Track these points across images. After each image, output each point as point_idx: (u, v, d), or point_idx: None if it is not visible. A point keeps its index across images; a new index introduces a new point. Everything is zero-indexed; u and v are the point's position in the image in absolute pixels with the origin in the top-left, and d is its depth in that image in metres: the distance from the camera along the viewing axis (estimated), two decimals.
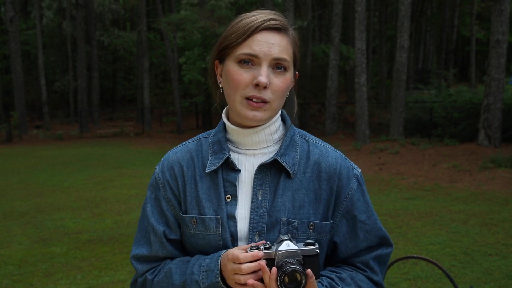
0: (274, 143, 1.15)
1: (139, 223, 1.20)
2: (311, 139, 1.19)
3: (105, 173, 10.70)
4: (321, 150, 1.16)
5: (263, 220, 1.09)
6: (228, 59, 1.09)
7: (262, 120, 1.07)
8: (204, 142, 1.19)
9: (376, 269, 1.17)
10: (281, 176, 1.11)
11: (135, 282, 1.19)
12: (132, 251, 1.19)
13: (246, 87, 1.05)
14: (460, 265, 4.38)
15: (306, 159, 1.14)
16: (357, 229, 1.15)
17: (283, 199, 1.10)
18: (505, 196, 7.14)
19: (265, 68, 1.04)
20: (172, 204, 1.15)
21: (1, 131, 19.86)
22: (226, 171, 1.12)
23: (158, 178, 1.17)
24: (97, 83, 25.54)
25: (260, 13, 1.08)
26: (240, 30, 1.05)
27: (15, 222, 6.48)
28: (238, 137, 1.14)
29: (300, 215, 1.10)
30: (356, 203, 1.15)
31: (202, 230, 1.11)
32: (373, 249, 1.17)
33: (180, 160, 1.17)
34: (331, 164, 1.14)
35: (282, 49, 1.05)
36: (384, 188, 8.12)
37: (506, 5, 11.26)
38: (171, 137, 18.84)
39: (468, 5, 26.49)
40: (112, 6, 25.61)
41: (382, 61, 25.16)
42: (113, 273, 4.46)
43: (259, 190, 1.10)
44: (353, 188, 1.15)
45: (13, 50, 21.51)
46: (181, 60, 18.15)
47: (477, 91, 15.13)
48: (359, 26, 13.80)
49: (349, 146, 13.54)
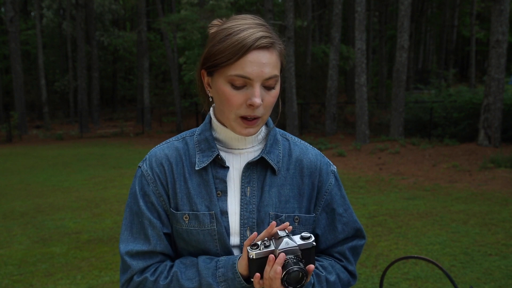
0: (258, 143, 1.20)
1: (127, 222, 1.17)
2: (290, 137, 1.26)
3: (105, 173, 10.70)
4: (301, 148, 1.24)
5: (253, 215, 1.14)
6: (218, 76, 1.08)
7: (255, 133, 1.13)
8: (189, 140, 1.21)
9: (351, 259, 1.24)
10: (267, 173, 1.17)
11: (129, 280, 1.14)
12: (124, 248, 1.14)
13: (240, 107, 1.07)
14: (460, 265, 4.38)
15: (288, 157, 1.21)
16: (335, 221, 1.23)
17: (270, 194, 1.16)
18: (505, 196, 7.14)
19: (258, 89, 1.05)
20: (163, 199, 1.16)
21: (1, 131, 19.86)
22: (215, 168, 1.16)
23: (147, 174, 1.17)
24: (97, 83, 25.54)
25: (249, 27, 1.06)
26: (230, 50, 1.04)
27: (15, 222, 6.48)
28: (226, 138, 1.18)
29: (286, 209, 1.17)
30: (335, 197, 1.23)
31: (196, 226, 1.13)
32: (349, 240, 1.25)
33: (169, 157, 1.18)
34: (312, 161, 1.22)
35: (273, 67, 1.07)
36: (384, 188, 8.12)
37: (506, 5, 11.27)
38: (171, 137, 18.79)
39: (468, 5, 26.50)
40: (112, 6, 25.62)
41: (382, 61, 25.16)
42: (113, 273, 4.47)
43: (247, 187, 1.15)
44: (332, 183, 1.24)
45: (13, 50, 21.51)
46: (181, 60, 18.18)
47: (477, 91, 15.13)
48: (359, 26, 13.80)
49: (349, 146, 13.54)
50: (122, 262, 1.15)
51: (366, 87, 14.51)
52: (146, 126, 22.06)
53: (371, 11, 26.38)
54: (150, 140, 18.10)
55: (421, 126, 14.45)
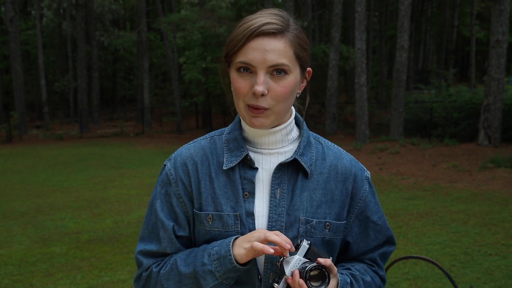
0: (289, 143, 1.16)
1: (146, 220, 1.19)
2: (324, 141, 1.23)
3: (105, 173, 10.70)
4: (335, 152, 1.21)
5: (282, 218, 1.10)
6: (231, 65, 1.09)
7: (264, 125, 1.07)
8: (217, 139, 1.18)
9: (381, 265, 1.25)
10: (299, 175, 1.13)
11: (139, 277, 1.17)
12: (139, 247, 1.17)
13: (246, 94, 1.05)
14: (460, 265, 4.38)
15: (321, 160, 1.17)
16: (368, 229, 1.21)
17: (301, 198, 1.12)
18: (505, 196, 7.14)
19: (262, 77, 1.02)
20: (183, 200, 1.14)
21: (1, 131, 19.85)
22: (244, 169, 1.12)
23: (170, 174, 1.16)
24: (97, 83, 25.53)
25: (260, 16, 1.06)
26: (237, 37, 1.04)
27: (15, 222, 6.48)
28: (255, 137, 1.14)
29: (317, 215, 1.12)
30: (369, 205, 1.20)
31: (219, 227, 1.10)
32: (380, 247, 1.24)
33: (194, 156, 1.16)
34: (346, 167, 1.19)
35: (278, 54, 1.02)
36: (384, 188, 8.12)
37: (506, 5, 11.27)
38: (171, 137, 18.84)
39: (468, 5, 26.50)
40: (112, 6, 25.60)
41: (382, 61, 25.16)
42: (113, 273, 4.46)
43: (277, 188, 1.11)
44: (366, 190, 1.20)
45: (13, 50, 21.51)
46: (181, 60, 18.15)
47: (477, 91, 15.13)
48: (359, 26, 13.80)
49: (349, 146, 13.54)
50: (136, 259, 1.18)
51: (366, 87, 14.50)
52: (146, 126, 22.06)
53: (371, 11, 26.37)
54: (150, 140, 18.10)
55: (421, 126, 14.44)
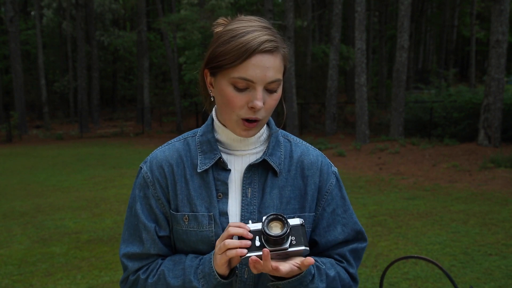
0: (260, 144, 1.20)
1: (127, 222, 1.21)
2: (292, 138, 1.26)
3: (105, 173, 10.70)
4: (302, 149, 1.24)
5: (254, 216, 1.15)
6: (221, 77, 1.09)
7: (254, 135, 1.15)
8: (191, 141, 1.21)
9: (352, 262, 1.23)
10: (268, 174, 1.18)
11: (125, 279, 1.19)
12: (122, 250, 1.19)
13: (241, 108, 1.08)
14: (460, 265, 4.38)
15: (289, 158, 1.21)
16: (335, 222, 1.22)
17: (271, 196, 1.16)
18: (505, 196, 7.14)
19: (260, 92, 1.06)
20: (162, 202, 1.17)
21: (1, 131, 19.86)
22: (217, 171, 1.16)
23: (147, 177, 1.19)
24: (97, 83, 25.53)
25: (254, 30, 1.06)
26: (235, 52, 1.04)
27: (15, 222, 6.48)
28: (229, 139, 1.18)
29: (287, 210, 1.17)
30: (335, 198, 1.23)
31: (195, 227, 1.14)
32: (350, 243, 1.24)
33: (169, 159, 1.19)
34: (313, 161, 1.22)
35: (276, 71, 1.07)
36: (384, 188, 8.12)
37: (506, 5, 11.27)
38: (171, 137, 18.77)
39: (468, 5, 26.50)
40: (112, 6, 25.60)
41: (382, 61, 25.16)
42: (113, 273, 4.47)
43: (248, 188, 1.16)
44: (333, 183, 1.24)
45: (13, 50, 21.51)
46: (181, 60, 18.17)
47: (477, 91, 15.13)
48: (359, 26, 13.80)
49: (349, 146, 13.54)
50: (121, 262, 1.20)
51: (366, 87, 14.51)
52: (146, 126, 22.06)
53: (371, 11, 26.37)
54: (150, 140, 18.10)
55: (421, 126, 14.45)
